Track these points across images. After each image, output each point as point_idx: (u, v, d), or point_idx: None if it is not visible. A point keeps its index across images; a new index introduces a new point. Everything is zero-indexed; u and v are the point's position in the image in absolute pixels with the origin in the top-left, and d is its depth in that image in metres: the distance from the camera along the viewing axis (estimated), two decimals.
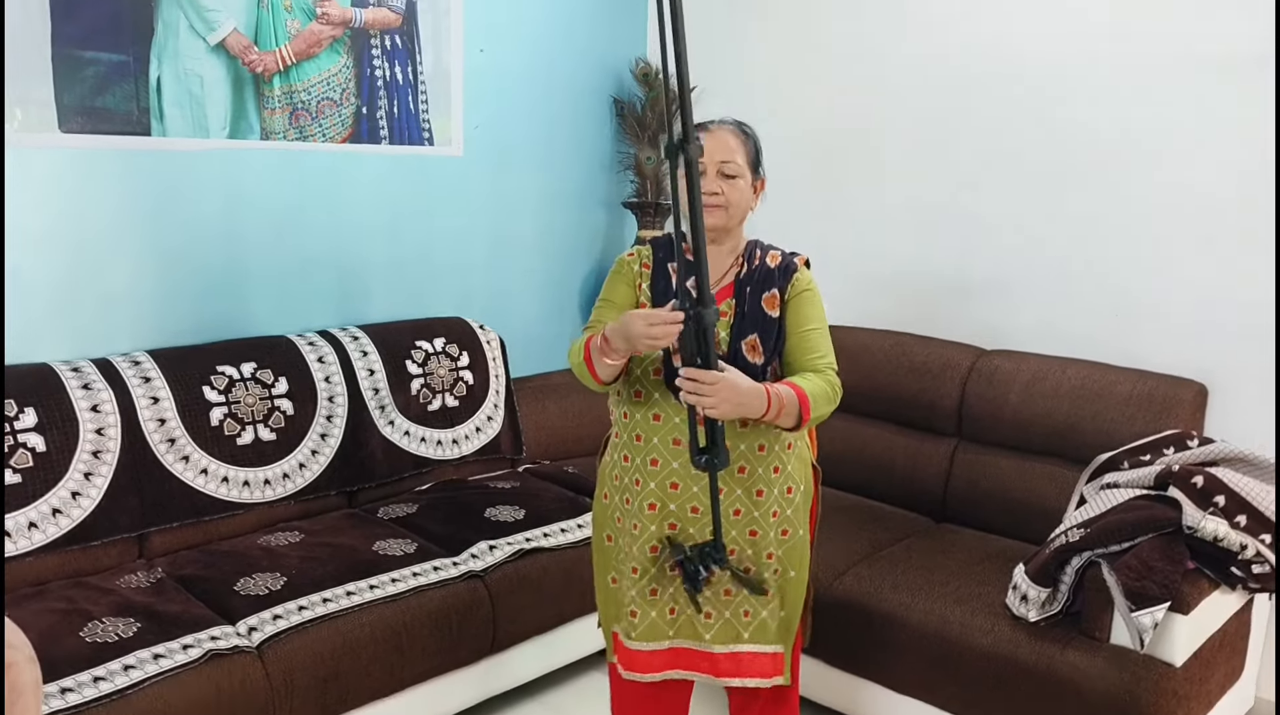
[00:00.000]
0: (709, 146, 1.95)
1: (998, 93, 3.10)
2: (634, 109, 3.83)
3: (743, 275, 2.01)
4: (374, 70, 3.17)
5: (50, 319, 2.63)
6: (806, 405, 1.86)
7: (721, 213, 1.96)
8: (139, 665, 2.07)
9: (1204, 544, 2.23)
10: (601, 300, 2.09)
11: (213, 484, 2.68)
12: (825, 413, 1.94)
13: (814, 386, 1.90)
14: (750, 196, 2.02)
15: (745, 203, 2.01)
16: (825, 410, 1.93)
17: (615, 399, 2.09)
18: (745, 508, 2.00)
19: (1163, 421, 2.65)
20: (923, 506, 3.08)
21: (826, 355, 1.99)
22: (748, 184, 2.00)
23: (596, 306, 2.10)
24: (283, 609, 2.33)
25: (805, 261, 2.06)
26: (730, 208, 1.98)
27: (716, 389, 1.75)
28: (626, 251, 2.12)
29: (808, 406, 1.86)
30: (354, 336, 3.08)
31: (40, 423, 2.42)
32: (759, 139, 2.05)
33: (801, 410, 1.86)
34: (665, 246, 2.07)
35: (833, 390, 1.95)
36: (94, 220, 2.67)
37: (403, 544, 2.66)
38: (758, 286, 2.00)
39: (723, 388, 1.75)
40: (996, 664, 2.33)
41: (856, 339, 3.24)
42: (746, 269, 2.02)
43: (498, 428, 3.27)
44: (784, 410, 1.84)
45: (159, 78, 2.72)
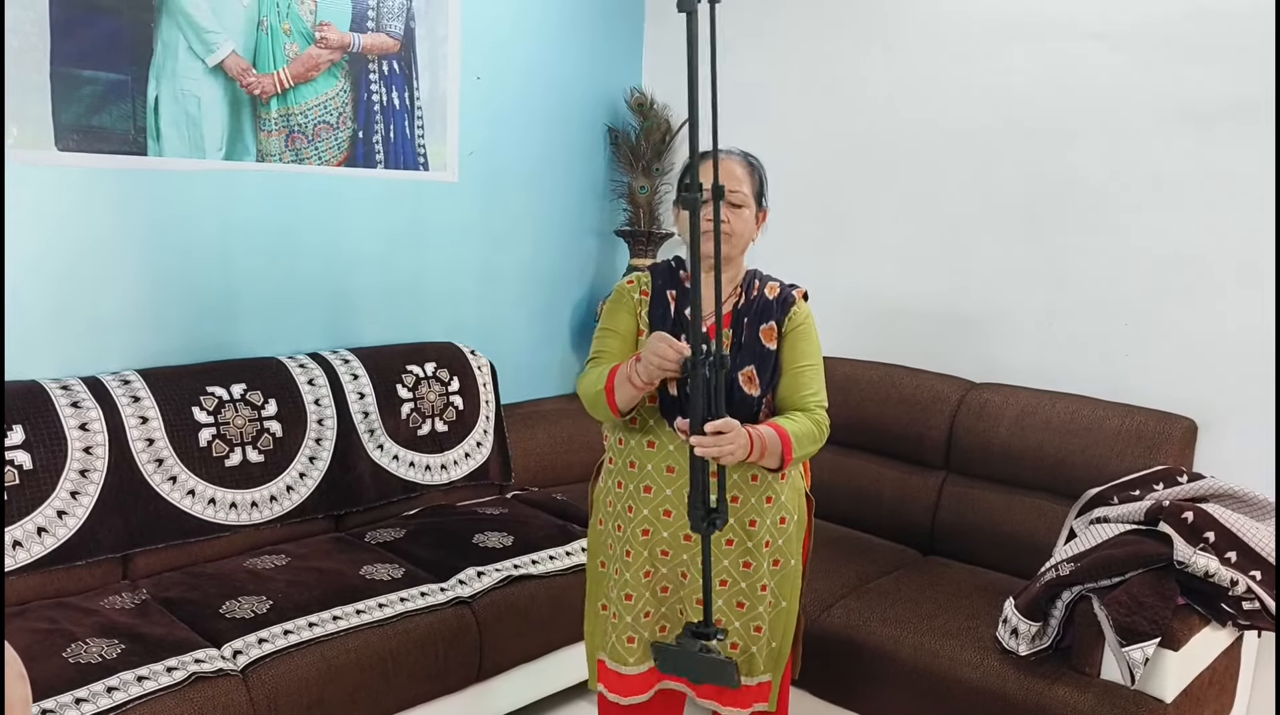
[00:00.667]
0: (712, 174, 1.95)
1: (991, 134, 3.14)
2: (628, 138, 3.85)
3: (741, 306, 2.02)
4: (371, 95, 3.18)
5: (41, 336, 2.61)
6: (789, 446, 1.86)
7: (725, 240, 1.96)
8: (122, 687, 2.04)
9: (1195, 580, 2.23)
10: (602, 329, 2.09)
11: (199, 505, 2.65)
12: (810, 452, 1.95)
13: (799, 427, 1.91)
14: (753, 226, 2.03)
15: (749, 232, 2.02)
16: (810, 450, 1.94)
17: (610, 425, 2.08)
18: (739, 538, 1.99)
19: (1152, 457, 2.66)
20: (911, 539, 3.08)
21: (817, 393, 2.00)
22: (752, 214, 2.02)
23: (598, 336, 2.09)
24: (268, 633, 2.31)
25: (804, 294, 2.07)
26: (734, 237, 1.99)
27: (736, 436, 1.75)
28: (625, 279, 2.12)
29: (790, 448, 1.86)
30: (345, 359, 3.07)
31: (28, 440, 2.40)
32: (764, 170, 2.07)
33: (784, 451, 1.86)
34: (664, 273, 2.08)
35: (819, 430, 1.95)
36: (88, 238, 2.67)
37: (390, 569, 2.64)
38: (756, 318, 2.00)
39: (740, 435, 1.76)
40: (986, 698, 2.32)
41: (846, 370, 3.25)
42: (745, 299, 2.02)
43: (487, 453, 3.26)
44: (767, 451, 1.85)
45: (157, 97, 2.73)
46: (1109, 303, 2.95)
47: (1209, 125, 2.74)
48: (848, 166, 3.47)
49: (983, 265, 3.19)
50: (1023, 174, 3.09)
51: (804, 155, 3.56)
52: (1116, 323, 2.94)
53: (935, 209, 3.28)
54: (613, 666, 2.10)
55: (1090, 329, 2.99)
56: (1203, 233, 2.78)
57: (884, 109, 3.37)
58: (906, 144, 3.33)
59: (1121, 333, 2.93)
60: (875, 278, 3.43)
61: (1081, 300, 3.00)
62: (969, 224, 3.21)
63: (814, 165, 3.53)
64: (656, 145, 3.83)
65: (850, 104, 3.45)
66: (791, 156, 3.58)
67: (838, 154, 3.49)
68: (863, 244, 3.46)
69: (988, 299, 3.18)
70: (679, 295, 2.04)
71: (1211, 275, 2.77)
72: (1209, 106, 2.74)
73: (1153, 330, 2.88)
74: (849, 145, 3.46)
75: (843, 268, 3.49)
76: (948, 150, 3.24)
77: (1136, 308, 2.90)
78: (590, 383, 1.99)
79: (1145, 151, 2.86)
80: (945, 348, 3.26)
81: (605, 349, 2.05)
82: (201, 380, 2.74)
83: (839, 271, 3.49)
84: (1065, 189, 3.01)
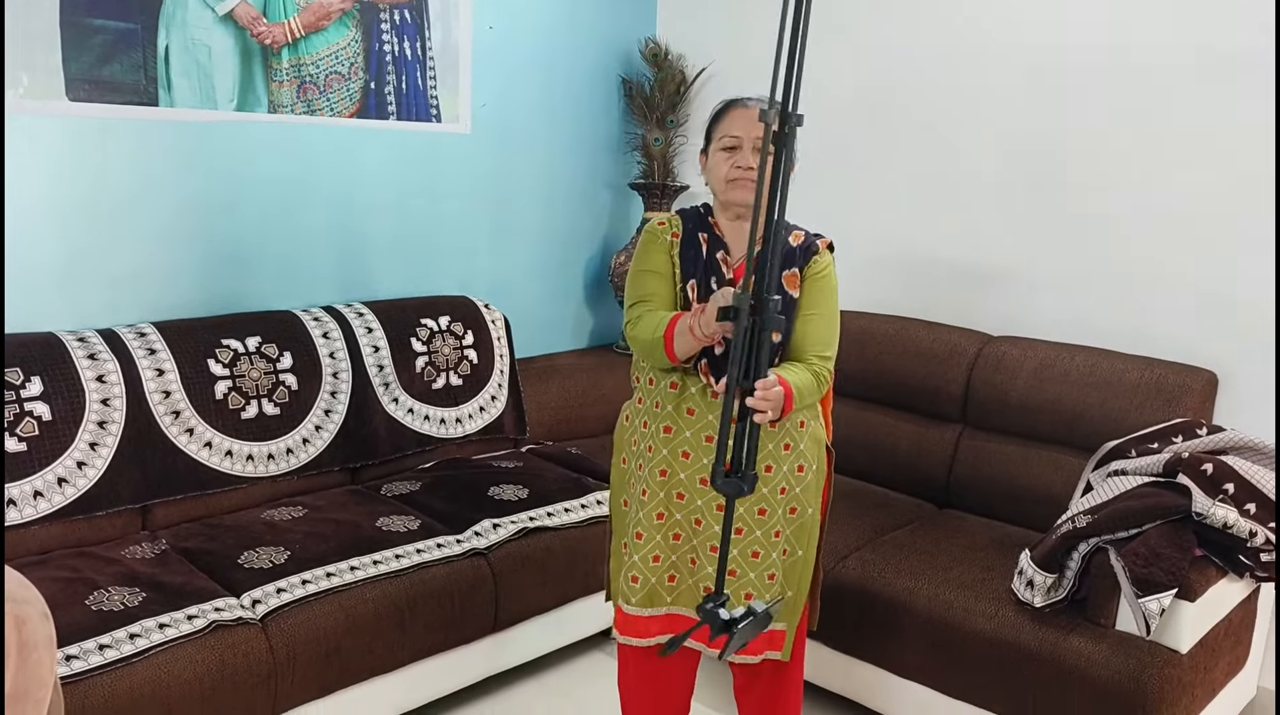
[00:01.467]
0: (743, 122, 1.97)
1: (1009, 83, 3.09)
2: (642, 89, 3.81)
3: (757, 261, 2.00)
4: (383, 45, 3.15)
5: (56, 288, 2.62)
6: (790, 399, 1.86)
7: (753, 188, 1.94)
8: (144, 634, 2.07)
9: (1213, 531, 2.22)
10: (640, 271, 2.07)
11: (216, 457, 2.67)
12: (809, 403, 1.96)
13: (800, 379, 1.91)
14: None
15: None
16: (808, 401, 1.95)
17: (640, 367, 2.10)
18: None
19: (1172, 410, 2.64)
20: (926, 492, 3.07)
21: (822, 346, 1.99)
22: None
23: (635, 278, 2.07)
24: (286, 583, 2.33)
25: (829, 244, 2.06)
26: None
27: (776, 393, 1.74)
28: (656, 220, 2.11)
29: (790, 399, 1.86)
30: (359, 313, 3.07)
31: (46, 392, 2.41)
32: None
33: (786, 404, 1.86)
34: (694, 218, 2.07)
35: (818, 382, 1.96)
36: (101, 190, 2.66)
37: (406, 521, 2.66)
38: (780, 265, 1.99)
39: (777, 389, 1.75)
40: (1000, 649, 2.33)
41: (863, 324, 3.23)
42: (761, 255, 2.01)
43: (501, 407, 3.26)
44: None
45: (167, 47, 2.70)
46: (1129, 255, 2.92)
47: (1233, 76, 2.69)
48: (867, 119, 3.42)
49: (1002, 218, 3.15)
50: (1043, 127, 3.04)
51: (823, 108, 3.50)
52: (1137, 275, 2.91)
53: (954, 162, 3.24)
54: (618, 603, 2.12)
55: (1110, 281, 2.96)
56: (1225, 184, 2.73)
57: (903, 61, 3.31)
58: (927, 96, 3.27)
59: (1142, 285, 2.90)
60: (893, 231, 3.40)
61: (1102, 252, 2.96)
62: (988, 177, 3.17)
63: (834, 118, 3.48)
64: (671, 97, 3.79)
65: (869, 56, 3.39)
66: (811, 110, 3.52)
67: (857, 107, 3.44)
68: (881, 197, 3.42)
69: (1007, 251, 3.15)
70: (710, 240, 2.03)
71: (1234, 227, 2.73)
72: (1232, 57, 2.68)
73: (1173, 282, 2.84)
74: (869, 98, 3.41)
75: (861, 221, 3.45)
76: (968, 103, 3.18)
77: (1157, 260, 2.87)
78: (647, 329, 1.96)
79: (1167, 103, 2.81)
80: (963, 301, 3.23)
81: (650, 290, 2.03)
82: (216, 333, 2.75)
83: (857, 224, 3.45)
84: (1086, 141, 2.96)
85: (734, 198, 1.98)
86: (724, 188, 1.99)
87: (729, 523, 1.63)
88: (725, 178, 1.98)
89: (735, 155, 1.96)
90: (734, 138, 1.97)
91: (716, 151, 2.01)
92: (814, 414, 2.06)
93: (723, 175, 1.98)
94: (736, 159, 1.96)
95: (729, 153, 1.97)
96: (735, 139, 1.96)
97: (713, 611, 1.59)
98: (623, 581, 2.10)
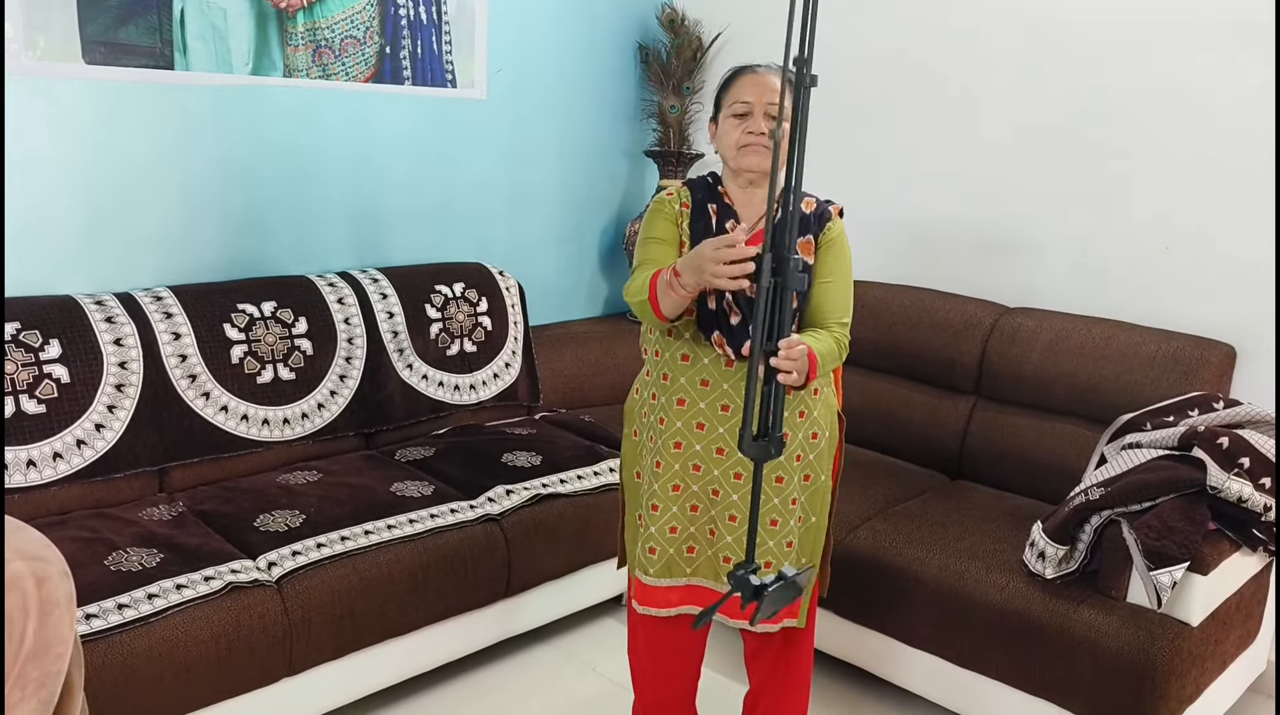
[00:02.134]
0: (755, 88, 1.96)
1: (1028, 51, 3.05)
2: (659, 56, 3.78)
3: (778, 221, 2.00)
4: (398, 9, 3.13)
5: (72, 251, 2.63)
6: (814, 364, 1.85)
7: (767, 154, 1.94)
8: (162, 594, 2.10)
9: (1227, 505, 2.22)
10: (646, 238, 2.06)
11: (232, 421, 2.69)
12: (829, 368, 1.96)
13: (823, 345, 1.91)
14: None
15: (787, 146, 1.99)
16: (830, 367, 1.95)
17: (647, 338, 2.09)
18: None
19: (1189, 383, 2.62)
20: (939, 463, 3.07)
21: (841, 313, 2.00)
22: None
23: (641, 244, 2.07)
24: (301, 546, 2.35)
25: (840, 211, 2.05)
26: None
27: (799, 352, 1.72)
28: (665, 192, 2.10)
29: (814, 365, 1.86)
30: (374, 278, 3.07)
31: (64, 354, 2.43)
32: None
33: (809, 368, 1.85)
34: (703, 188, 2.07)
35: (839, 349, 1.97)
36: (117, 153, 2.66)
37: (420, 486, 2.67)
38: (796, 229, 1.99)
39: (801, 347, 1.73)
40: (1010, 620, 2.33)
41: (878, 294, 3.22)
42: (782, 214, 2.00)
43: (515, 374, 3.27)
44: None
45: (182, 10, 2.69)
46: (1147, 226, 2.89)
47: (1253, 43, 2.64)
48: (883, 88, 3.39)
49: (1019, 188, 3.12)
50: (1062, 94, 3.00)
51: (838, 76, 3.47)
52: (1155, 247, 2.88)
53: (971, 131, 3.20)
54: (635, 574, 2.13)
55: (1127, 253, 2.93)
56: (1246, 154, 2.69)
57: (920, 30, 3.27)
58: (944, 64, 3.24)
59: (1160, 257, 2.87)
60: (909, 201, 3.37)
61: (1119, 224, 2.94)
62: (1005, 146, 3.13)
63: (848, 83, 3.45)
64: (688, 63, 3.75)
65: (886, 25, 3.35)
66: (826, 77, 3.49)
67: (873, 72, 3.40)
68: (897, 166, 3.39)
69: (1023, 222, 3.12)
70: (719, 210, 2.02)
71: (1254, 198, 2.70)
72: (1254, 23, 2.63)
73: (1192, 254, 2.82)
74: (884, 66, 3.37)
75: (877, 189, 3.42)
76: (985, 72, 3.15)
77: (1176, 232, 2.84)
78: (635, 290, 1.97)
79: (1187, 70, 2.76)
80: (979, 272, 3.21)
81: (650, 256, 2.03)
82: (232, 298, 2.76)
83: (873, 193, 3.43)
84: (1105, 110, 2.92)
85: (746, 164, 1.97)
86: (735, 154, 1.98)
87: (758, 487, 1.56)
88: (737, 143, 1.97)
89: (747, 121, 1.95)
90: (745, 103, 1.95)
91: (727, 118, 1.99)
92: (827, 381, 2.07)
93: (734, 141, 1.97)
94: (748, 125, 1.94)
95: (740, 119, 1.96)
96: (746, 105, 1.95)
97: (743, 578, 1.56)
98: (640, 553, 2.10)
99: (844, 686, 2.72)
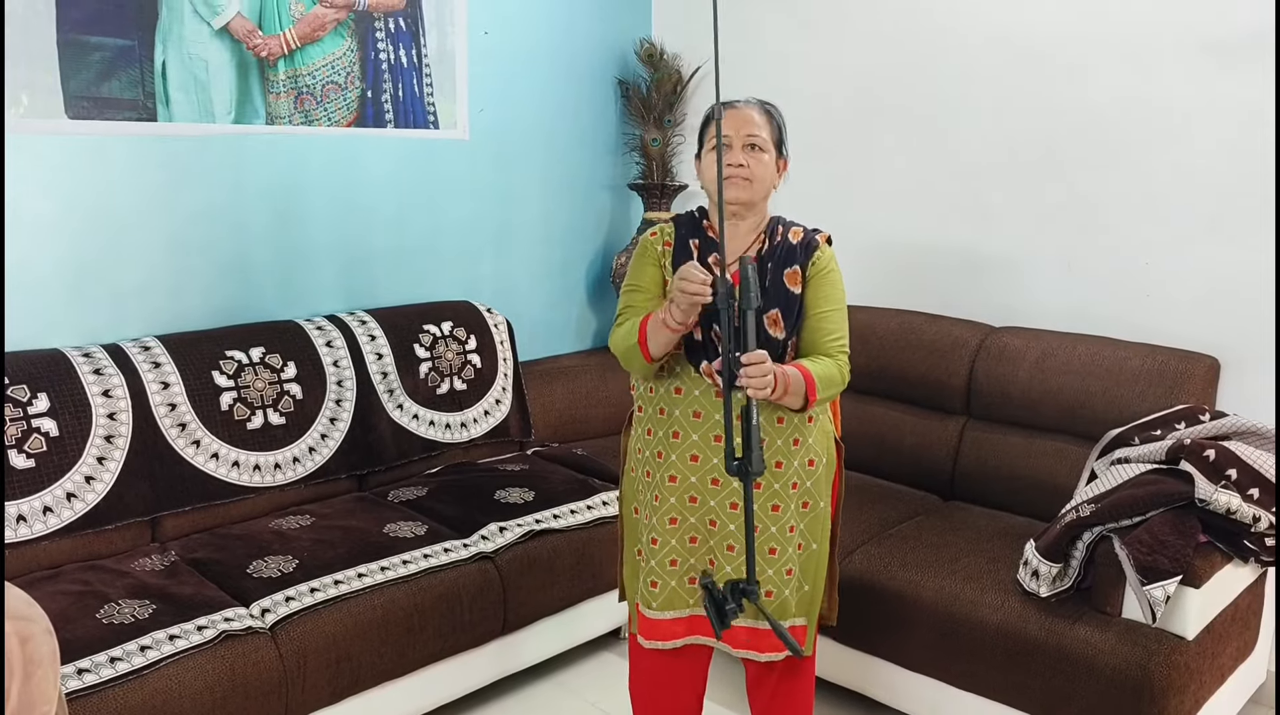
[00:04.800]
0: (735, 121, 1.99)
1: (1007, 71, 3.08)
2: (639, 90, 3.82)
3: (765, 251, 2.04)
4: (378, 53, 3.16)
5: (60, 305, 2.64)
6: (813, 386, 1.90)
7: (746, 185, 1.97)
8: (155, 646, 2.09)
9: (1216, 517, 2.22)
10: (628, 286, 2.11)
11: (224, 468, 2.69)
12: (832, 395, 1.99)
13: (822, 369, 1.94)
14: (774, 173, 2.05)
15: (769, 178, 2.03)
16: (831, 392, 1.98)
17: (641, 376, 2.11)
18: (765, 481, 2.01)
19: (1174, 396, 2.64)
20: (931, 484, 3.07)
21: (840, 337, 2.03)
22: (772, 159, 2.03)
23: (625, 291, 2.12)
24: (295, 591, 2.35)
25: (827, 238, 2.08)
26: (755, 181, 1.99)
27: (766, 367, 1.77)
28: (649, 231, 2.14)
29: (814, 388, 1.89)
30: (362, 320, 3.09)
31: (53, 407, 2.43)
32: (784, 119, 2.08)
33: (808, 391, 1.90)
34: (687, 223, 2.10)
35: (840, 374, 1.99)
36: (103, 206, 2.68)
37: (413, 526, 2.67)
38: (780, 262, 2.02)
39: (771, 367, 1.79)
40: (1007, 640, 2.33)
41: (865, 318, 3.23)
42: (769, 245, 2.04)
43: (506, 411, 3.28)
44: (790, 389, 1.88)
45: (164, 62, 2.72)
46: (1130, 242, 2.91)
47: (1231, 58, 2.68)
48: (861, 109, 3.43)
49: (1001, 208, 3.15)
50: (1040, 113, 3.03)
51: (816, 98, 3.52)
52: (1137, 262, 2.90)
53: (952, 151, 3.24)
54: (643, 610, 2.13)
55: (1111, 269, 2.95)
56: (1224, 168, 2.73)
57: (897, 49, 3.31)
58: (921, 85, 3.27)
59: (1143, 272, 2.90)
60: (891, 223, 3.40)
61: (1102, 240, 2.96)
62: (986, 166, 3.17)
63: (827, 108, 3.49)
64: (668, 96, 3.79)
65: (863, 44, 3.39)
66: (804, 100, 3.54)
67: (851, 96, 3.44)
68: (878, 189, 3.42)
69: (1006, 242, 3.15)
70: (701, 243, 2.05)
71: (1234, 212, 2.73)
72: (1231, 38, 2.67)
73: (1174, 268, 2.84)
74: (862, 87, 3.41)
75: (859, 214, 3.45)
76: (963, 90, 3.18)
77: (1158, 246, 2.86)
78: (622, 337, 2.01)
79: (1165, 86, 2.80)
80: (964, 293, 3.23)
81: (632, 304, 2.08)
82: (220, 344, 2.77)
83: (855, 218, 3.45)
84: (1084, 127, 2.96)
85: (727, 196, 1.99)
86: (717, 189, 2.00)
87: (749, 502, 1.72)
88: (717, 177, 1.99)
89: (726, 154, 1.98)
90: (724, 137, 1.98)
91: (708, 153, 2.03)
92: (823, 408, 2.08)
93: (715, 174, 1.99)
94: (727, 157, 1.97)
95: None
96: (725, 138, 1.98)
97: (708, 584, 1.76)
98: (643, 587, 2.11)
99: (843, 712, 2.71)
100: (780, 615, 2.06)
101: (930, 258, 3.32)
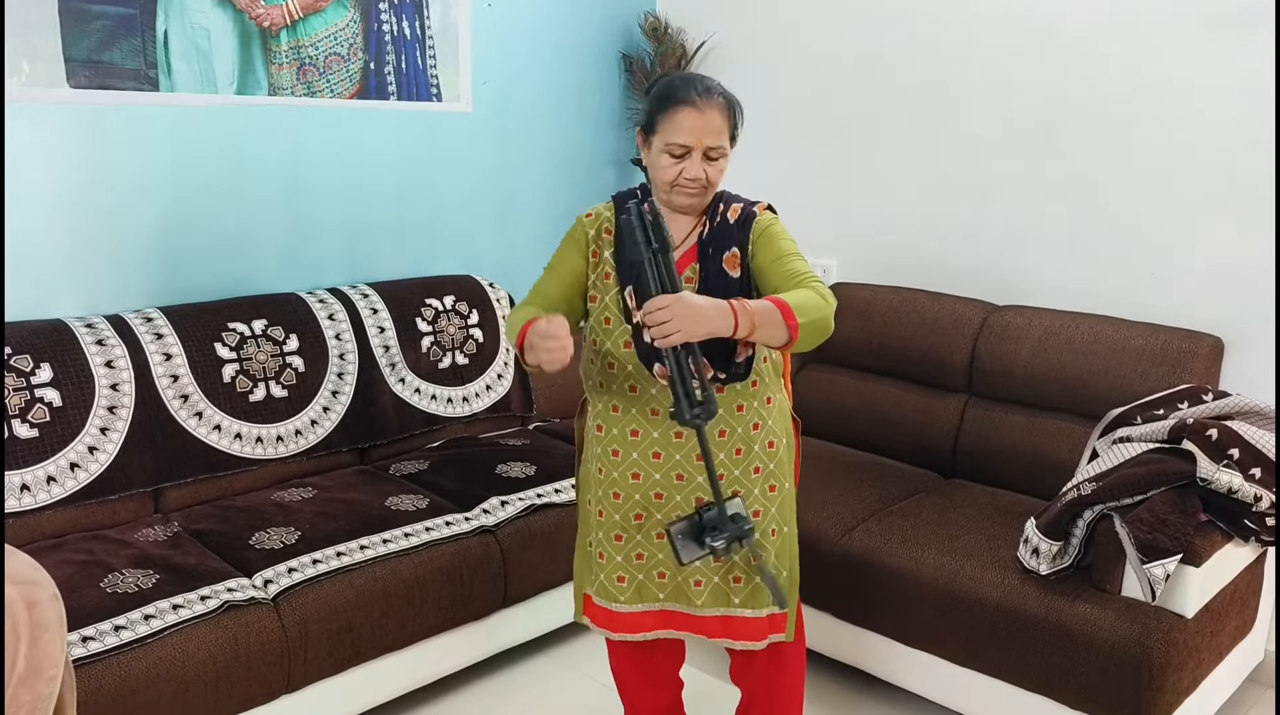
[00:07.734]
0: (697, 127, 1.83)
1: (1010, 48, 3.06)
2: (643, 64, 3.79)
3: (705, 235, 1.93)
4: (381, 25, 3.14)
5: (62, 275, 2.64)
6: (789, 312, 1.71)
7: (700, 192, 1.89)
8: (159, 615, 2.10)
9: (1218, 496, 2.23)
10: (547, 267, 2.00)
11: (226, 440, 2.69)
12: (820, 318, 1.76)
13: (799, 296, 1.76)
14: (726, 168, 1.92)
15: (721, 177, 1.92)
16: (818, 316, 1.76)
17: (589, 369, 2.04)
18: (726, 469, 1.97)
19: (1177, 376, 2.64)
20: (932, 462, 3.08)
21: (808, 274, 1.87)
22: (728, 158, 1.91)
23: (545, 269, 2.01)
24: (297, 562, 2.35)
25: (766, 206, 1.97)
26: (711, 188, 1.90)
27: (671, 311, 1.64)
28: (585, 212, 2.00)
29: (791, 313, 1.71)
30: (364, 294, 3.08)
31: (56, 378, 2.43)
32: (739, 103, 1.94)
33: (785, 319, 1.71)
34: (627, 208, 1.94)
35: (822, 296, 1.79)
36: (105, 176, 2.67)
37: (415, 499, 2.68)
38: (719, 247, 1.92)
39: (676, 306, 1.65)
40: (1006, 616, 2.34)
41: (866, 295, 3.23)
42: (709, 228, 1.93)
43: (508, 385, 3.28)
44: (758, 322, 1.70)
45: (166, 31, 2.70)
46: (1133, 220, 2.90)
47: (1234, 31, 2.65)
48: (863, 86, 3.41)
49: (1003, 185, 3.14)
50: (1042, 89, 3.01)
51: (817, 75, 3.50)
52: (1141, 240, 2.89)
53: (954, 128, 3.22)
54: (600, 603, 2.06)
55: (1114, 247, 2.94)
56: (1228, 146, 2.71)
57: (899, 24, 3.29)
58: (926, 62, 3.25)
59: (1146, 250, 2.89)
60: (894, 201, 3.39)
61: (1105, 218, 2.95)
62: (988, 143, 3.15)
63: (828, 86, 3.47)
64: (672, 71, 3.77)
65: (863, 20, 3.37)
66: (805, 76, 3.52)
67: (852, 73, 3.42)
68: (880, 167, 3.41)
69: (1009, 219, 3.14)
70: None
71: (1238, 189, 2.71)
72: (1234, 11, 2.65)
73: (1178, 247, 2.83)
74: (864, 64, 3.39)
75: (860, 192, 3.44)
76: (966, 66, 3.16)
77: (1161, 224, 2.85)
78: (511, 325, 1.93)
79: (1169, 63, 2.78)
80: (967, 270, 3.22)
81: (539, 288, 1.99)
82: (223, 317, 2.76)
83: (857, 196, 3.44)
84: (1086, 104, 2.94)
85: (677, 203, 1.90)
86: (667, 191, 1.90)
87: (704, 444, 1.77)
88: (670, 182, 1.87)
89: (683, 163, 1.84)
90: (682, 147, 1.83)
91: (661, 152, 1.86)
92: (778, 386, 2.01)
93: (668, 179, 1.87)
94: (685, 169, 1.84)
95: (675, 160, 1.85)
96: (684, 148, 1.83)
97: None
98: (607, 582, 2.04)
99: (841, 687, 2.73)
100: (752, 604, 2.00)
101: (933, 235, 3.31)
